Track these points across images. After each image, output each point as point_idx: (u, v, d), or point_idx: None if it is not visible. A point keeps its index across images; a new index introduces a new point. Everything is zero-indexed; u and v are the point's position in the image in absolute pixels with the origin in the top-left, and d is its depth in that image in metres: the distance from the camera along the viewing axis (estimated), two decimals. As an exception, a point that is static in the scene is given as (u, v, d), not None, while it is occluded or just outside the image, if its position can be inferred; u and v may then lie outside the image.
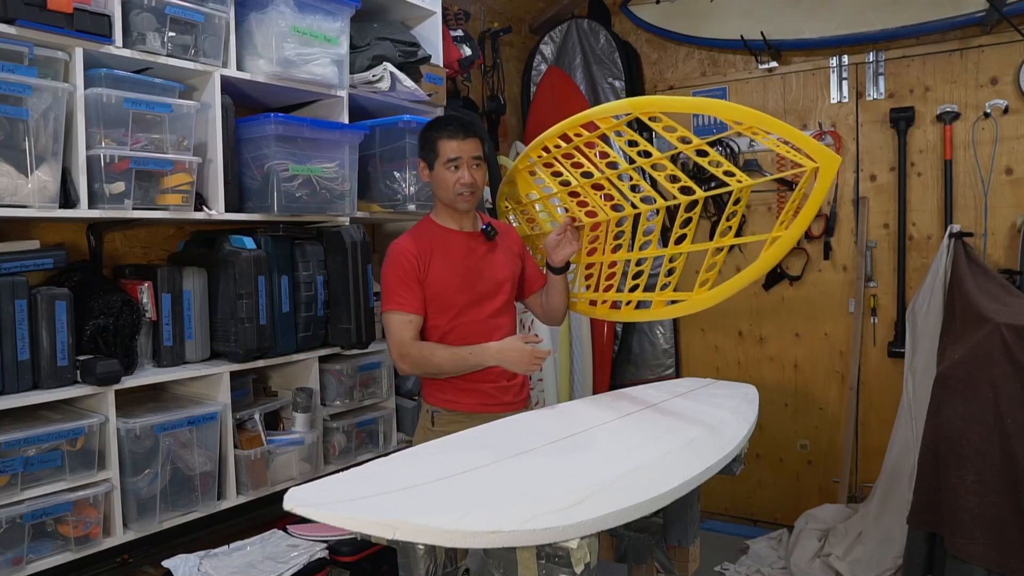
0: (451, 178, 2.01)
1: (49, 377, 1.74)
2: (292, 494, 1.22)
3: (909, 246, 3.27)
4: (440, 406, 2.09)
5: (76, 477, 1.76)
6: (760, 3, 3.45)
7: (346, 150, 2.31)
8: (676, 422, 1.80)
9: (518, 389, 2.14)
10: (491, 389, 2.07)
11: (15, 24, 1.64)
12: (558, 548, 1.17)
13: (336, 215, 2.35)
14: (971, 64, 3.11)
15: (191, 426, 1.97)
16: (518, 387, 2.14)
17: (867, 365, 3.37)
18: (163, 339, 2.02)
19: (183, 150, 1.96)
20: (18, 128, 1.66)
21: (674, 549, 1.95)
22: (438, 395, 2.09)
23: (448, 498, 1.23)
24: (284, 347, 2.21)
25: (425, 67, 2.66)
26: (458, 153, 2.00)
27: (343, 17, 2.30)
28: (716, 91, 3.69)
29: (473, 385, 2.05)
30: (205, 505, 2.02)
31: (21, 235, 1.91)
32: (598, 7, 3.93)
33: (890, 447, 2.91)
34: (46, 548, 1.72)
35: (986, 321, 2.29)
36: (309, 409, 2.29)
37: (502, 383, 2.09)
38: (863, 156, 3.37)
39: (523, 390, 2.18)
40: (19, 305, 1.70)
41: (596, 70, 3.80)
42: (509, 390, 2.11)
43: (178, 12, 1.93)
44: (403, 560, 1.43)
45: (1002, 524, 2.12)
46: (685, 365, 3.85)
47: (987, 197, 3.08)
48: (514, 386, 2.13)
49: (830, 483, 3.43)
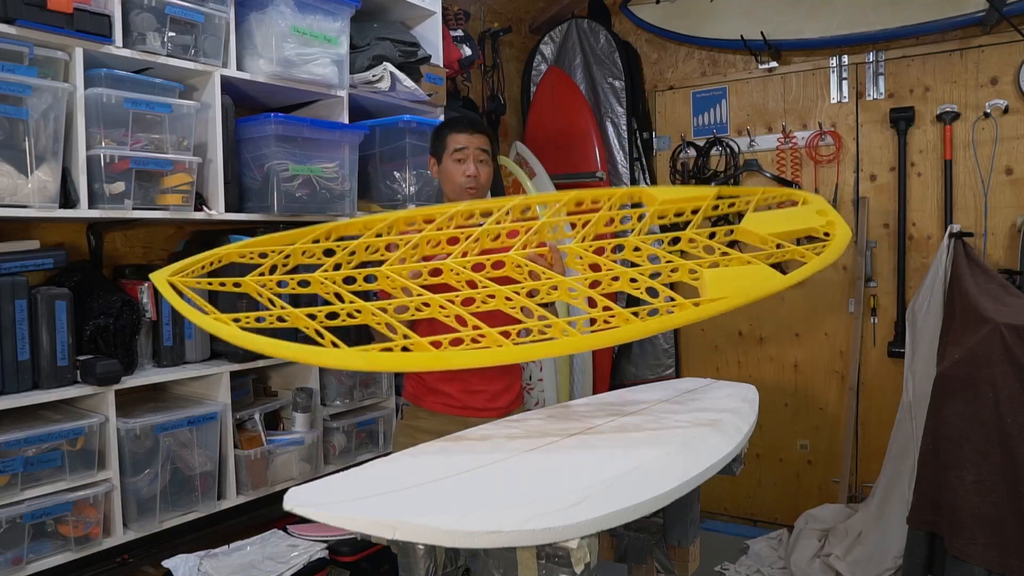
0: (457, 170, 2.02)
1: (49, 377, 1.74)
2: (292, 494, 1.21)
3: (909, 246, 3.27)
4: (408, 400, 2.09)
5: (76, 477, 1.76)
6: (760, 3, 3.45)
7: (346, 150, 2.31)
8: (676, 422, 1.80)
9: (492, 396, 2.02)
10: (455, 391, 2.00)
11: (15, 24, 1.65)
12: (558, 548, 1.16)
13: (336, 215, 2.35)
14: (971, 64, 3.11)
15: (191, 426, 1.97)
16: (492, 394, 2.02)
17: (867, 365, 3.37)
18: (163, 339, 2.02)
19: (183, 150, 1.96)
20: (18, 128, 1.66)
21: (674, 549, 1.95)
22: (408, 389, 2.10)
23: (448, 498, 1.22)
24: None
25: (425, 67, 2.66)
26: (465, 144, 2.02)
27: (343, 17, 2.30)
28: (716, 91, 3.69)
29: (436, 385, 2.00)
30: (205, 505, 2.02)
31: (21, 235, 1.92)
32: (598, 7, 3.94)
33: (890, 447, 2.91)
34: (46, 548, 1.72)
35: (986, 321, 2.29)
36: (309, 409, 2.29)
37: (472, 388, 1.99)
38: (863, 156, 3.37)
39: (500, 398, 2.04)
40: (19, 305, 1.70)
41: (596, 70, 3.80)
42: (478, 395, 2.00)
43: (178, 12, 1.93)
44: (403, 560, 1.43)
45: (1002, 524, 2.12)
46: (685, 365, 3.85)
47: (987, 197, 3.08)
48: (485, 392, 2.01)
49: (830, 483, 3.43)
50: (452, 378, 2.00)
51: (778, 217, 1.75)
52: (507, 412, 2.05)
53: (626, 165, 3.72)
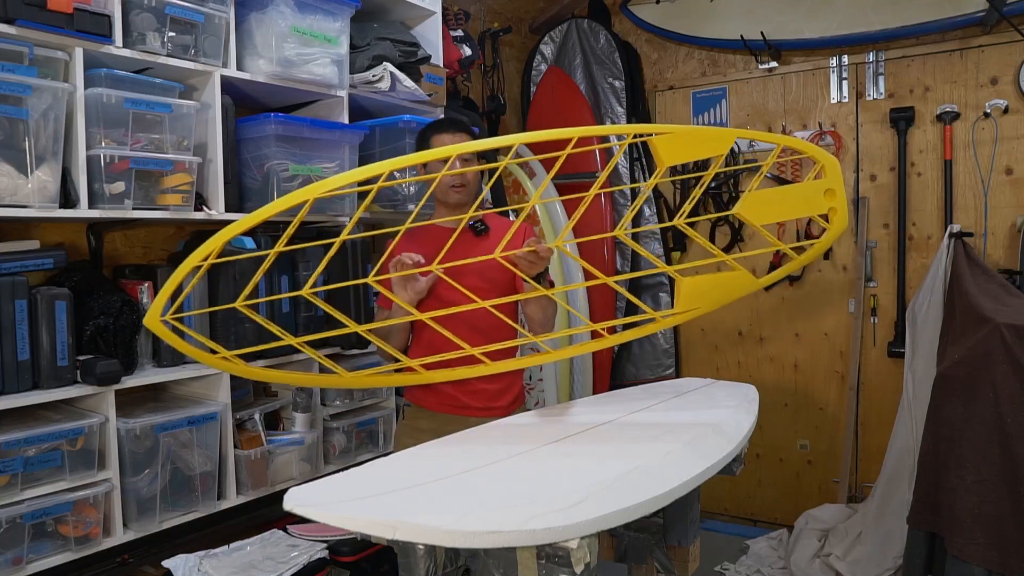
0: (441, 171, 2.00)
1: (49, 377, 1.74)
2: (292, 494, 1.22)
3: (909, 246, 3.27)
4: (410, 401, 2.11)
5: (76, 477, 1.76)
6: (760, 3, 3.45)
7: (346, 150, 2.31)
8: (676, 422, 1.80)
9: (492, 396, 2.02)
10: (456, 392, 2.00)
11: (15, 24, 1.64)
12: (558, 548, 1.17)
13: (336, 215, 2.35)
14: (971, 64, 3.11)
15: (191, 426, 1.97)
16: (492, 393, 2.02)
17: (867, 365, 3.37)
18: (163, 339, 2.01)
19: (183, 150, 1.96)
20: (18, 128, 1.66)
21: (674, 549, 1.95)
22: (409, 389, 2.11)
23: (448, 498, 1.23)
24: (284, 347, 2.20)
25: (425, 67, 2.66)
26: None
27: (343, 17, 2.30)
28: (716, 91, 3.69)
29: (437, 385, 1.99)
30: (205, 505, 2.02)
31: (21, 235, 1.91)
32: (598, 7, 3.93)
33: (890, 447, 2.91)
34: (46, 548, 1.72)
35: (986, 321, 2.29)
36: (309, 409, 2.29)
37: (473, 388, 2.00)
38: (863, 156, 3.37)
39: (501, 397, 2.04)
40: (19, 305, 1.70)
41: (596, 70, 3.80)
42: (479, 395, 2.01)
43: (178, 12, 1.93)
44: (403, 560, 1.43)
45: (1002, 524, 2.12)
46: (685, 365, 3.85)
47: (987, 197, 3.08)
48: (486, 392, 2.01)
49: (830, 483, 3.43)
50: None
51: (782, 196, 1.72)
52: (508, 412, 2.05)
53: (626, 165, 3.72)
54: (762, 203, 1.70)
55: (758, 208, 1.70)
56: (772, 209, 1.71)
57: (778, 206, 1.71)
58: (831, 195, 1.73)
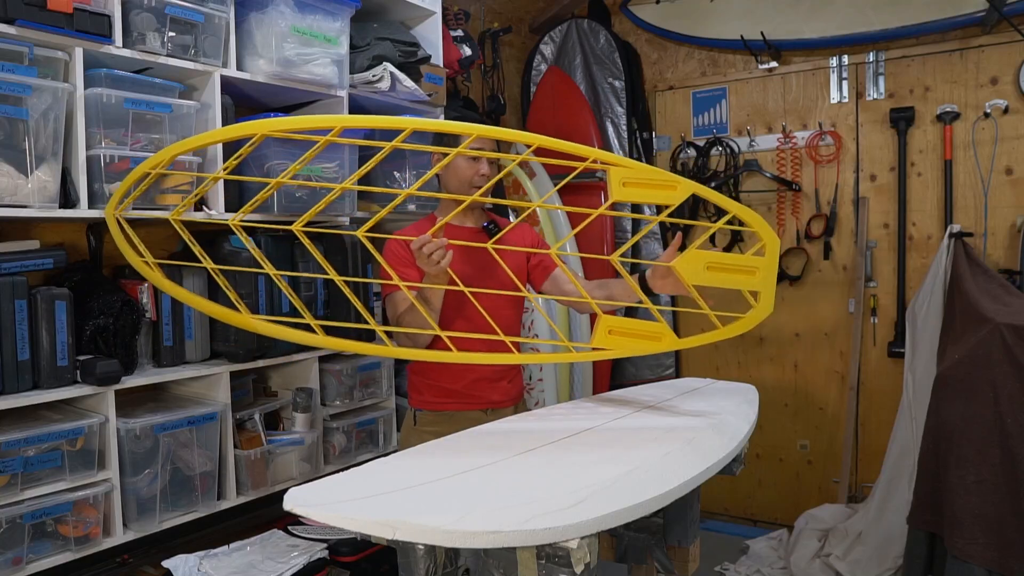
0: (470, 167, 1.98)
1: (49, 377, 1.74)
2: (292, 494, 1.21)
3: (909, 246, 3.27)
4: (422, 407, 2.08)
5: (76, 477, 1.76)
6: (760, 3, 3.45)
7: (346, 150, 2.31)
8: (676, 422, 1.80)
9: (506, 387, 2.10)
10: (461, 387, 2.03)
11: (15, 24, 1.64)
12: (558, 548, 1.16)
13: (336, 215, 2.35)
14: (971, 64, 3.11)
15: (191, 426, 1.97)
16: (506, 385, 2.09)
17: (867, 365, 3.37)
18: (163, 339, 2.02)
19: (183, 150, 1.95)
20: (18, 128, 1.66)
21: (674, 549, 1.95)
22: (417, 397, 2.09)
23: (448, 498, 1.22)
24: (284, 347, 2.21)
25: (425, 67, 2.66)
26: (482, 144, 1.97)
27: (343, 17, 2.30)
28: (716, 91, 3.69)
29: (452, 386, 2.02)
30: (205, 505, 2.02)
31: (21, 235, 1.91)
32: (598, 7, 3.94)
33: (890, 447, 2.91)
34: (46, 548, 1.72)
35: (986, 321, 2.29)
36: (309, 409, 2.29)
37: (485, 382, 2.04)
38: (863, 156, 3.37)
39: (512, 387, 2.12)
40: (19, 305, 1.70)
41: (596, 70, 3.80)
42: (497, 389, 2.07)
43: (178, 12, 1.93)
44: (403, 560, 1.42)
45: (1002, 524, 2.12)
46: (685, 365, 3.85)
47: (987, 197, 3.08)
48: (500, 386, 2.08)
49: (830, 483, 3.43)
50: (456, 376, 2.02)
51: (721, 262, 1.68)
52: (513, 403, 2.12)
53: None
54: (700, 263, 1.66)
55: (694, 267, 1.65)
56: (707, 274, 1.65)
57: (714, 272, 1.66)
58: (761, 277, 1.66)
